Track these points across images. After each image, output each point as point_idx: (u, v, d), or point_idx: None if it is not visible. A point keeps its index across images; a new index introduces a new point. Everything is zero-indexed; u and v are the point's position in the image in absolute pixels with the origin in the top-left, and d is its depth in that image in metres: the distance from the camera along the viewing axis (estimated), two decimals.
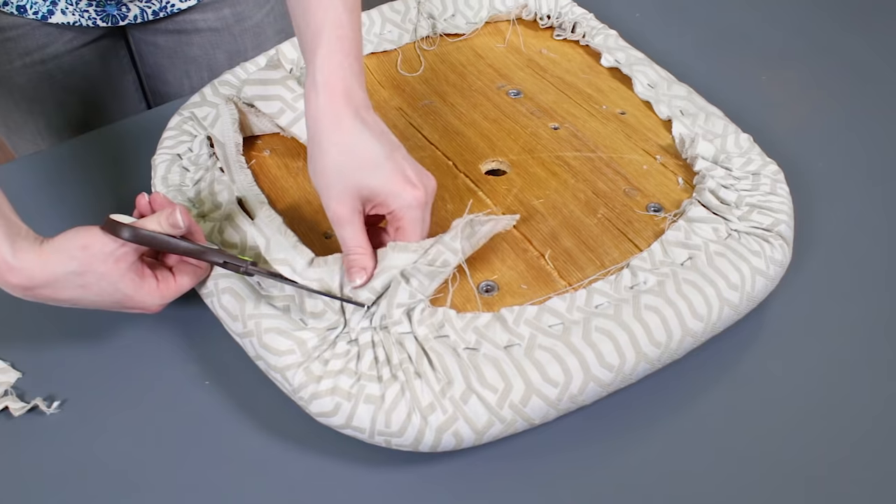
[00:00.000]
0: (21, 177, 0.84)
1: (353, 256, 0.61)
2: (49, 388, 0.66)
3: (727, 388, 0.65)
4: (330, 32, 0.63)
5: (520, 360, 0.59)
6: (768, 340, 0.68)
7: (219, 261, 0.63)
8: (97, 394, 0.65)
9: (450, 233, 0.62)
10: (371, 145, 0.61)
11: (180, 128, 0.79)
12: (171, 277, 0.64)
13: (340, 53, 0.63)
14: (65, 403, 0.65)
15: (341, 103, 0.62)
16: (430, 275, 0.61)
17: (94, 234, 0.59)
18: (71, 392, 0.66)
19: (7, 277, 0.58)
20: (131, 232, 0.59)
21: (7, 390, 0.65)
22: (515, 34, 0.91)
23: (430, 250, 0.61)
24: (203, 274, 0.66)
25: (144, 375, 0.67)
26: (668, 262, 0.65)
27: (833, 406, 0.63)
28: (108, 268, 0.60)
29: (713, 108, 0.80)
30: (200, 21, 0.94)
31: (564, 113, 0.81)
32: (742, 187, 0.71)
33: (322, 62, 0.63)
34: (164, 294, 0.63)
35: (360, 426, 0.58)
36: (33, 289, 0.59)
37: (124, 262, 0.60)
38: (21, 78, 0.91)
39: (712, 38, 0.99)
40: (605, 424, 0.62)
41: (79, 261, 0.59)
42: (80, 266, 0.59)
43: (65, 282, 0.59)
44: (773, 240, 0.67)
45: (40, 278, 0.58)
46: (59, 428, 0.64)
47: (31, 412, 0.64)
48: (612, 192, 0.72)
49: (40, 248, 0.59)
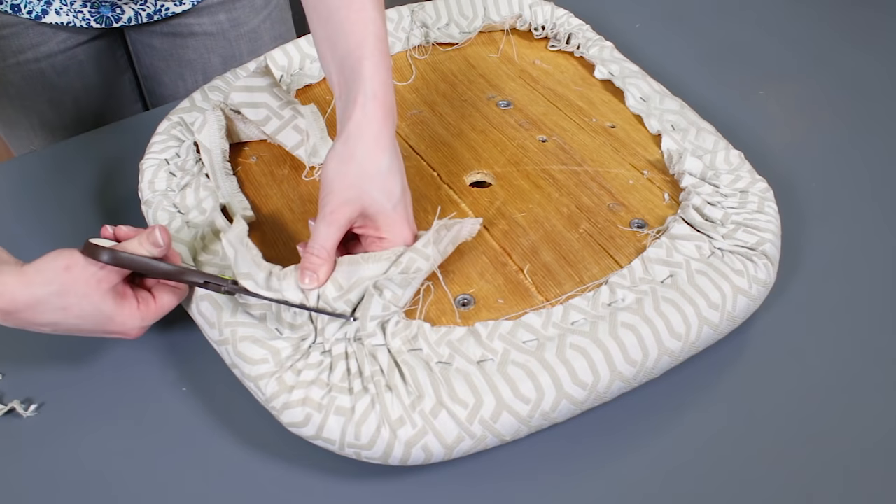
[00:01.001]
0: (16, 176, 0.84)
1: (313, 258, 0.61)
2: (27, 391, 0.66)
3: (706, 408, 0.64)
4: (374, 46, 0.63)
5: (492, 376, 0.58)
6: (750, 360, 0.67)
7: (199, 281, 0.62)
8: (75, 397, 0.65)
9: (421, 240, 0.62)
10: (395, 177, 0.63)
11: (169, 132, 0.79)
12: (151, 299, 0.63)
13: (385, 68, 0.64)
14: (42, 407, 0.65)
15: (385, 120, 0.63)
16: (403, 283, 0.61)
17: (75, 256, 0.59)
18: (48, 395, 0.66)
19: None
20: (110, 255, 0.59)
21: None
22: (509, 44, 0.91)
23: (403, 258, 0.61)
24: (183, 295, 0.65)
25: (123, 380, 0.67)
26: (648, 280, 0.64)
27: (813, 428, 0.62)
28: (89, 289, 0.59)
29: (705, 124, 0.79)
30: (196, 25, 0.94)
31: (553, 125, 0.80)
32: (729, 205, 0.70)
33: (371, 73, 0.63)
34: (144, 316, 0.62)
35: (330, 438, 0.58)
36: (14, 313, 0.58)
37: (106, 283, 0.60)
38: (14, 76, 0.91)
39: (712, 51, 0.98)
40: (579, 442, 0.62)
41: (60, 282, 0.58)
42: (62, 287, 0.58)
43: (46, 304, 0.58)
44: (758, 259, 0.66)
45: (22, 301, 0.58)
46: (35, 431, 0.64)
47: (8, 414, 0.64)
48: (595, 207, 0.71)
49: (21, 270, 0.58)
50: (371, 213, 0.62)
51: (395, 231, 0.63)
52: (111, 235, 0.63)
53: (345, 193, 0.61)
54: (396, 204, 0.62)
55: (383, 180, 0.62)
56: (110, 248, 0.60)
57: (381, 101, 0.62)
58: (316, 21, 0.67)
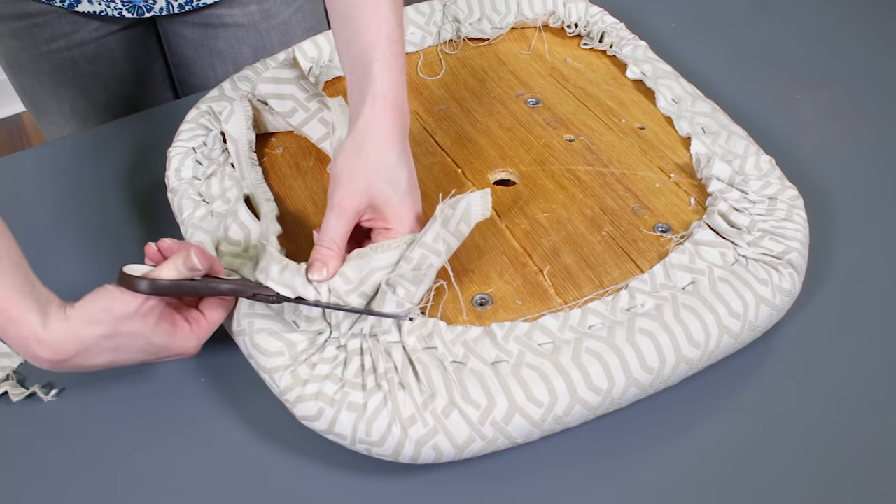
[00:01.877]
0: (47, 161, 0.85)
1: (323, 250, 0.61)
2: (49, 376, 0.67)
3: (724, 419, 0.63)
4: (386, 47, 0.64)
5: (505, 378, 0.58)
6: (771, 371, 0.66)
7: (248, 294, 0.60)
8: (95, 384, 0.66)
9: (429, 234, 0.61)
10: (403, 170, 0.63)
11: (197, 121, 0.80)
12: (202, 317, 0.62)
13: (396, 70, 0.64)
14: (63, 392, 0.66)
15: (394, 119, 0.63)
16: (416, 280, 0.60)
17: (113, 295, 0.57)
18: (69, 380, 0.66)
19: (36, 351, 0.55)
20: (149, 284, 0.56)
21: (9, 375, 0.66)
22: (541, 41, 0.90)
23: (414, 254, 0.60)
24: (231, 304, 0.63)
25: (144, 371, 0.67)
26: (669, 286, 0.63)
27: (834, 444, 0.61)
28: (136, 326, 0.57)
29: (736, 128, 0.77)
30: (227, 16, 0.94)
31: (581, 125, 0.79)
32: (756, 211, 0.69)
33: (380, 74, 0.63)
34: (199, 335, 0.61)
35: (341, 433, 0.58)
36: (64, 360, 0.56)
37: (152, 317, 0.58)
38: (46, 63, 0.93)
39: (748, 53, 0.96)
40: (592, 448, 0.61)
41: (105, 324, 0.56)
42: (108, 329, 0.56)
43: (96, 347, 0.57)
44: (783, 268, 0.65)
45: (71, 349, 0.56)
46: (55, 416, 0.64)
47: (29, 399, 0.65)
48: (619, 210, 0.70)
49: (66, 316, 0.56)
50: (378, 203, 0.62)
51: (402, 222, 0.62)
52: (156, 252, 0.60)
53: (352, 185, 0.62)
54: (403, 195, 0.63)
55: (390, 172, 0.62)
56: (147, 277, 0.57)
57: (390, 101, 0.63)
58: (333, 19, 0.67)
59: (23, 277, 0.55)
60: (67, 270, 0.74)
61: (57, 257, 0.75)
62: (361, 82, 0.64)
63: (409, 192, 0.63)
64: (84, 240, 0.77)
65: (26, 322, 0.54)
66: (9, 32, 0.90)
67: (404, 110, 0.64)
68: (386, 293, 0.60)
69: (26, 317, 0.54)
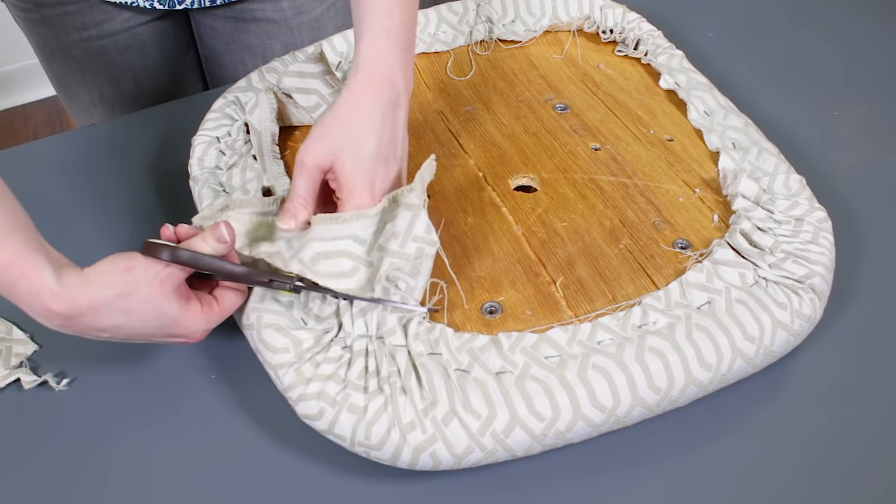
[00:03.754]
0: (74, 148, 0.86)
1: (292, 205, 0.63)
2: (62, 365, 0.67)
3: (733, 443, 0.62)
4: (378, 22, 0.65)
5: (508, 389, 0.57)
6: (786, 397, 0.64)
7: (264, 280, 0.61)
8: (106, 375, 0.66)
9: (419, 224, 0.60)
10: (371, 140, 0.63)
11: (223, 111, 0.80)
12: (214, 301, 0.61)
13: (386, 42, 0.65)
14: (74, 382, 0.66)
15: (373, 90, 0.64)
16: (413, 272, 0.60)
17: (135, 257, 0.57)
18: (82, 370, 0.67)
19: (50, 304, 0.54)
20: (171, 253, 0.57)
21: (23, 362, 0.67)
22: (574, 45, 0.89)
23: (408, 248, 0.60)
24: (245, 295, 0.63)
25: (155, 364, 0.67)
26: (684, 305, 0.62)
27: (845, 479, 0.59)
28: (153, 290, 0.57)
29: (768, 144, 0.75)
30: (258, 10, 0.95)
31: (608, 133, 0.78)
32: (781, 232, 0.67)
33: (365, 47, 0.65)
34: (209, 318, 0.60)
35: (341, 434, 0.58)
36: (75, 317, 0.55)
37: (169, 284, 0.57)
38: (77, 51, 0.93)
39: (787, 67, 0.94)
40: (595, 466, 0.60)
41: (123, 283, 0.56)
42: (125, 288, 0.56)
43: (108, 306, 0.56)
44: (804, 293, 0.63)
45: (84, 304, 0.55)
46: (65, 405, 0.65)
47: (41, 386, 0.66)
48: (639, 223, 0.69)
49: (81, 273, 0.56)
50: (336, 167, 0.62)
51: (349, 194, 0.62)
52: (172, 234, 0.61)
53: (317, 143, 0.63)
54: (360, 162, 0.62)
55: (356, 137, 0.62)
56: (171, 246, 0.57)
57: (373, 72, 0.64)
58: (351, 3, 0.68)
59: (31, 235, 0.55)
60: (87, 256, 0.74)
61: (77, 242, 0.76)
62: (354, 56, 0.66)
63: (370, 161, 0.62)
64: (105, 226, 0.78)
65: (39, 276, 0.54)
66: (41, 19, 0.91)
67: (393, 81, 0.64)
68: (389, 289, 0.59)
69: (39, 271, 0.54)
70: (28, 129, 2.23)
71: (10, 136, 2.19)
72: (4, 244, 0.53)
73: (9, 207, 0.55)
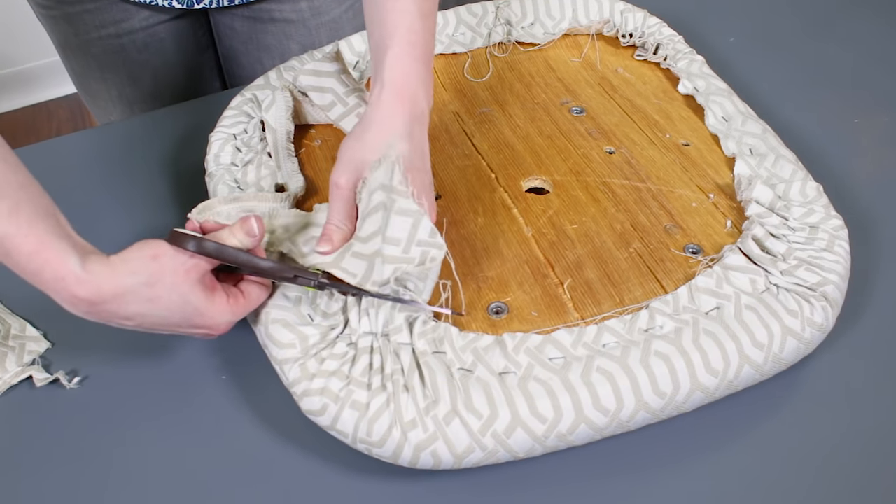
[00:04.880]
0: (93, 145, 0.87)
1: (328, 228, 0.62)
2: (73, 363, 0.67)
3: (739, 451, 0.61)
4: (402, 37, 0.65)
5: (511, 389, 0.57)
6: (796, 405, 0.63)
7: (289, 276, 0.61)
8: (117, 375, 0.67)
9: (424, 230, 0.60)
10: (401, 151, 0.62)
11: (240, 108, 0.80)
12: (240, 294, 0.61)
13: (410, 57, 0.64)
14: (85, 380, 0.67)
15: (401, 105, 0.64)
16: (422, 276, 0.60)
17: (161, 245, 0.57)
18: (93, 369, 0.67)
19: (74, 290, 0.54)
20: (196, 243, 0.57)
21: (35, 359, 0.67)
22: (593, 49, 0.88)
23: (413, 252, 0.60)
24: (270, 290, 0.63)
25: (165, 364, 0.67)
26: (692, 310, 0.61)
27: (853, 490, 0.58)
28: (178, 279, 0.57)
29: (786, 151, 0.74)
30: (276, 11, 0.95)
31: (623, 137, 0.77)
32: (795, 239, 0.66)
33: (391, 62, 0.64)
34: (234, 311, 0.60)
35: (343, 430, 0.58)
36: (100, 303, 0.55)
37: (195, 274, 0.57)
38: (96, 49, 0.95)
39: (808, 73, 0.93)
40: (597, 470, 0.60)
41: (149, 271, 0.56)
42: (151, 276, 0.56)
43: (134, 294, 0.56)
44: (816, 301, 0.62)
45: (109, 290, 0.55)
46: (76, 404, 0.65)
47: (52, 384, 0.66)
48: (651, 227, 0.68)
49: (107, 260, 0.56)
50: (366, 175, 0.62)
51: None
52: (196, 227, 0.61)
53: (348, 165, 0.62)
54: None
55: (380, 149, 0.62)
56: (196, 236, 0.57)
57: (398, 89, 0.64)
58: (366, 13, 0.68)
59: (56, 222, 0.55)
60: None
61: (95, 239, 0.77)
62: (376, 71, 0.65)
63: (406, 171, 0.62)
64: (122, 223, 0.78)
65: (64, 262, 0.54)
66: (62, 16, 0.93)
67: (417, 97, 0.64)
68: (398, 290, 0.59)
69: (64, 257, 0.54)
70: (51, 126, 2.26)
71: (32, 133, 2.22)
72: (29, 231, 0.54)
73: (33, 196, 0.55)
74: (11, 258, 0.54)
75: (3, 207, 0.53)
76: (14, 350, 0.67)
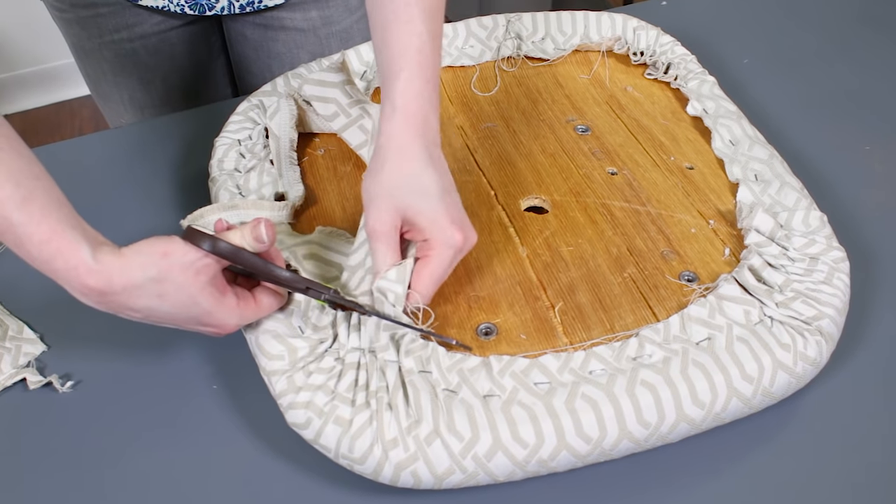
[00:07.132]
0: (103, 148, 0.88)
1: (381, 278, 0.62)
2: (68, 367, 0.68)
3: (724, 484, 0.60)
4: (412, 58, 0.64)
5: (494, 413, 0.56)
6: (784, 442, 0.62)
7: (301, 286, 0.60)
8: (111, 380, 0.67)
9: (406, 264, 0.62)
10: (431, 177, 0.62)
11: (246, 114, 0.81)
12: (251, 298, 0.61)
13: (421, 80, 0.64)
14: (78, 384, 0.67)
15: (414, 132, 0.63)
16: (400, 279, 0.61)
17: (174, 242, 0.57)
18: (87, 374, 0.67)
19: (85, 280, 0.54)
20: (211, 243, 0.56)
21: (30, 361, 0.68)
22: (603, 66, 0.88)
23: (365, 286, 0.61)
24: (284, 300, 0.63)
25: (161, 371, 0.68)
26: (683, 339, 0.61)
27: None
28: (187, 278, 0.56)
29: (791, 178, 0.74)
30: (287, 19, 0.95)
31: (627, 158, 0.77)
32: (793, 270, 0.65)
33: (403, 87, 0.63)
34: (243, 314, 0.60)
35: (326, 445, 0.58)
36: (109, 294, 0.55)
37: (205, 275, 0.57)
38: (108, 52, 0.95)
39: (821, 97, 0.91)
40: (577, 498, 0.59)
41: (159, 267, 0.56)
42: (160, 273, 0.56)
43: (143, 288, 0.56)
44: (810, 335, 0.61)
45: (119, 282, 0.55)
46: (67, 408, 0.65)
47: (45, 387, 0.67)
48: (647, 252, 0.68)
49: (119, 252, 0.56)
50: (409, 216, 0.61)
51: (437, 231, 0.61)
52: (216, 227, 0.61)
53: (379, 209, 0.61)
54: (434, 203, 0.61)
55: (415, 184, 0.61)
56: (212, 235, 0.57)
57: (411, 113, 0.63)
58: (372, 30, 0.67)
59: (68, 213, 0.56)
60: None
61: None
62: (385, 95, 0.64)
63: (440, 199, 0.62)
64: (128, 225, 0.79)
65: (76, 252, 0.54)
66: (76, 20, 0.94)
67: (429, 120, 0.63)
68: (384, 302, 0.60)
69: (76, 246, 0.54)
70: (74, 124, 2.28)
71: (55, 131, 2.25)
72: (42, 220, 0.54)
73: (46, 188, 0.56)
74: (24, 247, 0.55)
75: (16, 196, 0.53)
76: (10, 351, 0.68)
